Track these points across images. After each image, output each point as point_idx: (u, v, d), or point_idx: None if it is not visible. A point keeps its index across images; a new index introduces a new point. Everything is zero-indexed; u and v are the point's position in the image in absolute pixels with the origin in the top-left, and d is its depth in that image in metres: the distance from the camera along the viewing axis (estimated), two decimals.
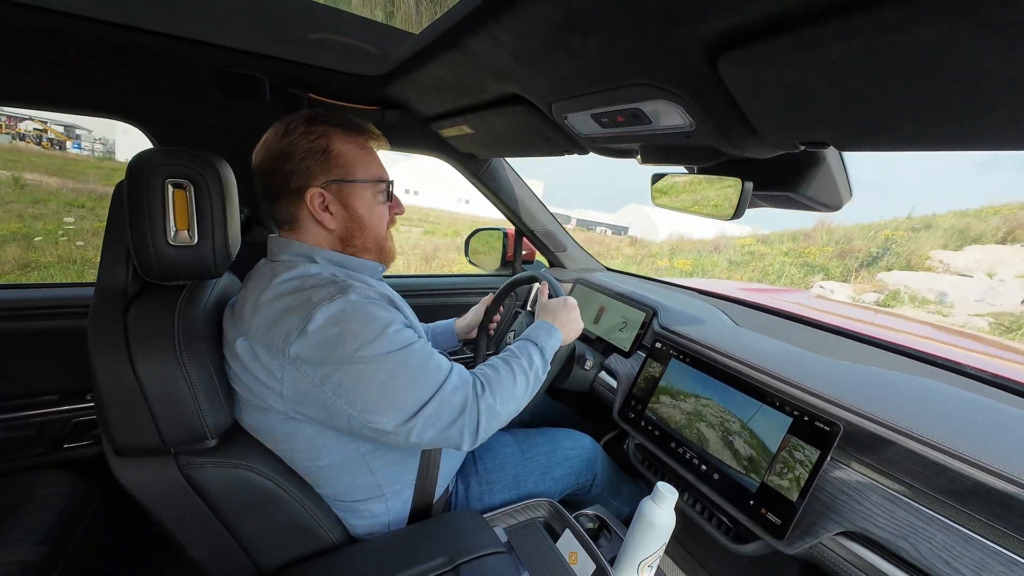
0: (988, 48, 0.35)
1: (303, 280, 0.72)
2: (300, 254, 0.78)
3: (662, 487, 0.83)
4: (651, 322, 1.28)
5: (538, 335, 0.92)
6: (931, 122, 0.46)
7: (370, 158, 0.82)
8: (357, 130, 0.81)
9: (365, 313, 0.69)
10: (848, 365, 0.95)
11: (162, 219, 0.67)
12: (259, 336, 0.69)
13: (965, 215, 12.28)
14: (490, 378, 0.79)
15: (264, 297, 0.71)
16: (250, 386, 0.72)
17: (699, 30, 0.49)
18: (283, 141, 0.76)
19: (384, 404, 0.68)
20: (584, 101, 0.78)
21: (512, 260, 1.80)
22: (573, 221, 37.05)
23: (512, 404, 0.80)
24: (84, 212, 8.40)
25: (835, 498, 0.75)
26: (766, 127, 0.62)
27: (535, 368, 0.85)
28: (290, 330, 0.67)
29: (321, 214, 0.78)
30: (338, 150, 0.78)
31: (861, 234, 12.24)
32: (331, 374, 0.67)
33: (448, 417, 0.71)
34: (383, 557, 0.77)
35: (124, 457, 0.69)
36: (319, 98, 1.18)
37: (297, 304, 0.69)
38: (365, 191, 0.81)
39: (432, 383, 0.71)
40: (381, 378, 0.68)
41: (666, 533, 0.83)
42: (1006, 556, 0.59)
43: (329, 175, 0.77)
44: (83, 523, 0.96)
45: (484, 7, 0.63)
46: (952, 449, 0.67)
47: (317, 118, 0.78)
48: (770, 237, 13.96)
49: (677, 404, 1.06)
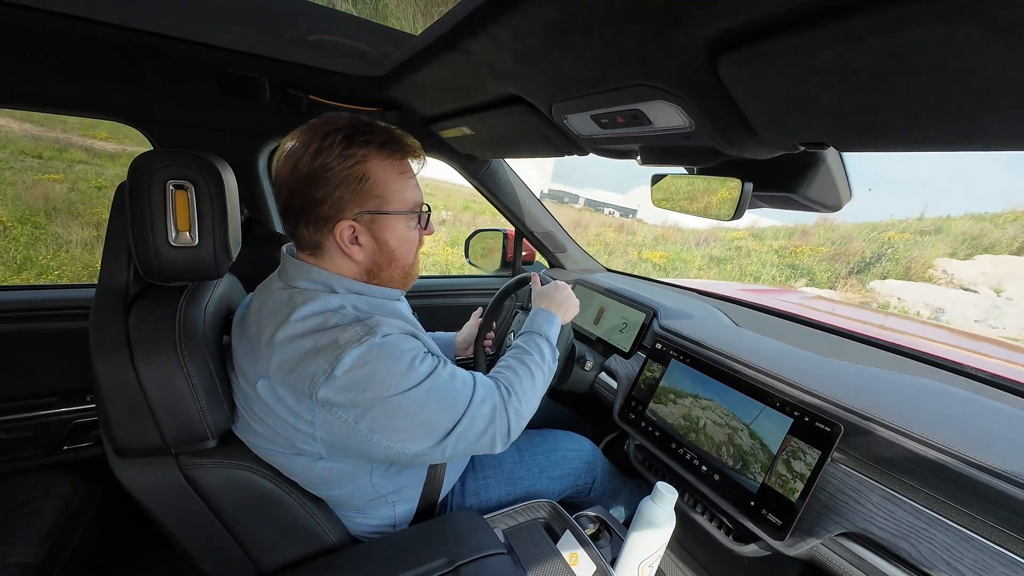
0: (988, 48, 0.35)
1: (325, 317, 0.68)
2: (320, 283, 0.73)
3: (661, 487, 0.83)
4: (651, 323, 1.28)
5: (540, 325, 0.94)
6: (930, 123, 0.46)
7: (407, 183, 0.74)
8: (398, 150, 0.72)
9: (392, 350, 0.67)
10: (849, 366, 0.95)
11: (163, 220, 0.67)
12: (281, 378, 0.66)
13: (982, 219, 11.25)
14: (512, 382, 0.81)
15: (282, 334, 0.67)
16: (276, 428, 0.69)
17: (699, 31, 0.49)
18: (315, 162, 0.67)
19: (420, 432, 0.69)
20: (584, 102, 0.78)
21: (512, 261, 1.80)
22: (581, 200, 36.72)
23: (534, 400, 0.83)
24: (39, 163, 7.52)
25: (836, 499, 0.75)
26: (766, 128, 0.62)
27: (547, 360, 0.88)
28: (316, 374, 0.64)
29: (350, 247, 0.72)
30: (376, 177, 0.70)
31: (864, 234, 11.50)
32: (364, 414, 0.66)
33: (479, 428, 0.73)
34: (383, 558, 0.77)
35: (125, 457, 0.70)
36: (319, 99, 1.18)
37: (323, 345, 0.65)
38: (399, 222, 0.75)
39: (462, 402, 0.72)
40: (414, 410, 0.68)
41: (666, 533, 0.83)
42: (1007, 557, 0.59)
43: (363, 206, 0.70)
44: (82, 524, 0.96)
45: (484, 8, 0.63)
46: (952, 449, 0.67)
47: (357, 136, 0.68)
48: (765, 232, 13.30)
49: (677, 405, 1.06)
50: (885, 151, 0.56)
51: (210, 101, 1.12)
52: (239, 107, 1.15)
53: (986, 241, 10.15)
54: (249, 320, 0.74)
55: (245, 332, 0.74)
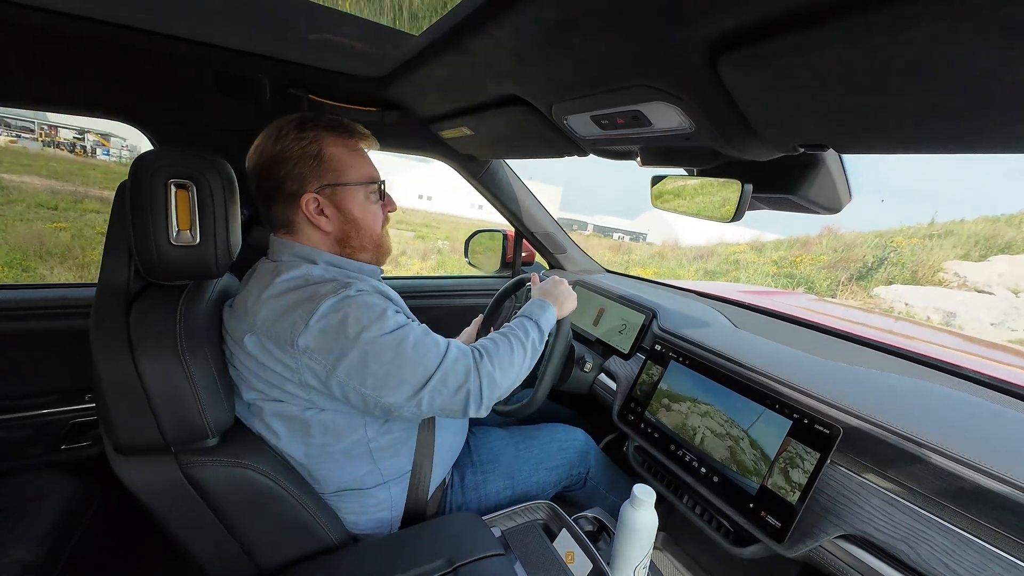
0: (989, 49, 0.35)
1: (306, 278, 0.75)
2: (301, 256, 0.80)
3: (638, 490, 0.83)
4: (651, 324, 1.28)
5: (531, 310, 0.96)
6: (931, 124, 0.46)
7: (361, 159, 0.84)
8: (347, 132, 0.83)
9: (363, 301, 0.73)
10: (848, 368, 0.95)
11: (164, 219, 0.68)
12: (265, 330, 0.72)
13: (996, 221, 10.75)
14: (488, 348, 0.82)
15: (268, 292, 0.73)
16: (267, 379, 0.74)
17: (699, 31, 0.49)
18: (276, 147, 0.77)
19: (393, 379, 0.72)
20: (584, 103, 0.78)
21: (512, 262, 1.80)
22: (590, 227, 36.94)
23: (511, 372, 0.83)
24: (52, 213, 8.16)
25: (835, 501, 0.75)
26: (766, 129, 0.62)
27: (532, 339, 0.89)
28: (296, 322, 0.70)
29: (317, 218, 0.80)
30: (329, 153, 0.79)
31: (868, 241, 11.22)
32: (340, 358, 0.70)
33: (454, 383, 0.75)
34: (382, 558, 0.77)
35: (125, 455, 0.70)
36: (319, 99, 1.18)
37: (303, 298, 0.72)
38: (358, 193, 0.83)
39: (434, 355, 0.75)
40: (387, 355, 0.71)
41: (650, 535, 0.83)
42: (1006, 559, 0.59)
43: (322, 179, 0.79)
44: (82, 523, 0.96)
45: (484, 8, 0.63)
46: (952, 452, 0.67)
47: (307, 122, 0.79)
48: (766, 245, 13.16)
49: (676, 407, 1.06)
50: (885, 153, 0.56)
51: (210, 101, 1.12)
52: (239, 107, 1.15)
53: (1001, 241, 9.79)
54: (237, 297, 0.80)
55: (233, 306, 0.79)
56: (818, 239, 12.04)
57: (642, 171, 0.97)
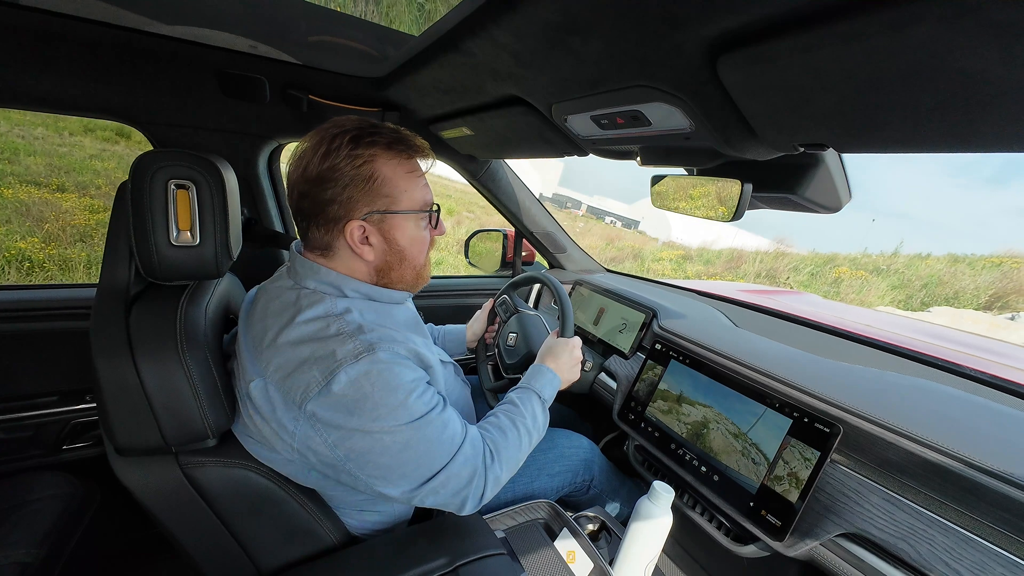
0: (987, 50, 0.35)
1: (328, 322, 0.68)
2: (329, 283, 0.73)
3: (658, 486, 0.82)
4: (651, 323, 1.28)
5: (542, 386, 0.91)
6: (930, 124, 0.46)
7: (416, 182, 0.75)
8: (406, 149, 0.73)
9: (390, 378, 0.66)
10: (847, 366, 0.95)
11: (164, 219, 0.67)
12: (276, 381, 0.66)
13: (959, 261, 9.61)
14: (499, 446, 0.78)
15: (285, 336, 0.67)
16: (261, 428, 0.70)
17: (698, 32, 0.49)
18: (324, 163, 0.68)
19: (394, 474, 0.67)
20: (584, 103, 0.78)
21: (512, 261, 1.80)
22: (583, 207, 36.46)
23: (515, 468, 0.80)
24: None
25: (835, 500, 0.75)
26: (765, 129, 0.62)
27: (538, 427, 0.86)
28: (310, 385, 0.64)
29: (360, 247, 0.72)
30: (384, 176, 0.71)
31: (808, 265, 9.83)
32: (345, 439, 0.65)
33: (454, 487, 0.71)
34: (383, 558, 0.77)
35: (125, 456, 0.70)
36: (319, 99, 1.18)
37: (320, 356, 0.65)
38: (408, 221, 0.75)
39: (444, 456, 0.70)
40: (395, 449, 0.66)
41: (664, 533, 0.83)
42: (1006, 558, 0.59)
43: (372, 206, 0.71)
44: (82, 524, 0.96)
45: (484, 9, 0.63)
46: (951, 450, 0.67)
47: (363, 137, 0.70)
48: (705, 253, 11.92)
49: (677, 406, 1.06)
50: (884, 152, 0.56)
51: (210, 101, 1.12)
52: (239, 107, 1.15)
53: (950, 290, 8.45)
54: (255, 317, 0.74)
55: (250, 330, 0.73)
56: (753, 256, 10.71)
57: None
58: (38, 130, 7.82)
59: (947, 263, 9.69)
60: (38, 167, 6.19)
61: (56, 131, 8.06)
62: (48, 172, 6.11)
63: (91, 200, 5.51)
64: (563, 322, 1.05)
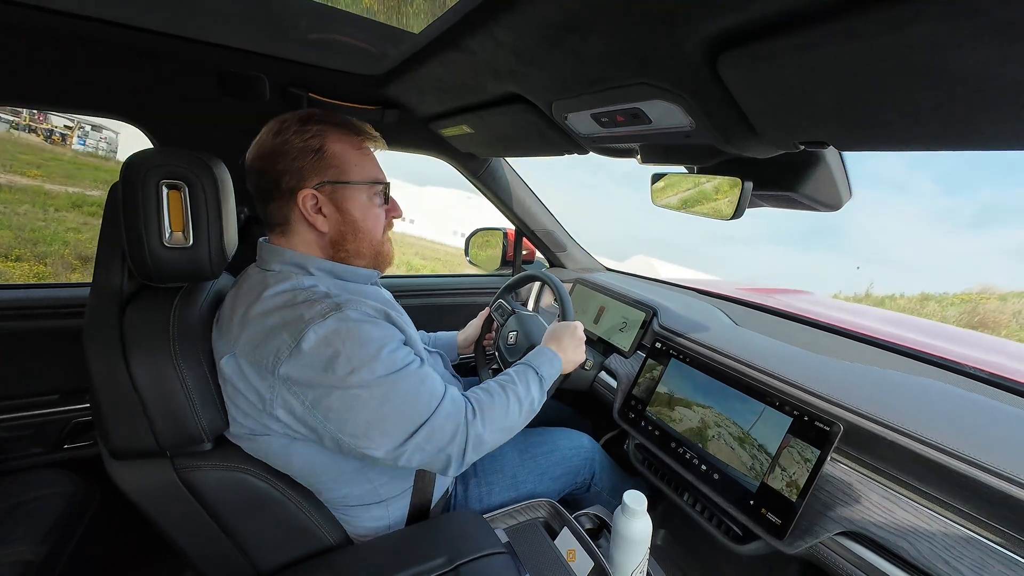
0: (988, 48, 0.35)
1: (295, 293, 0.69)
2: (292, 263, 0.75)
3: (628, 498, 0.82)
4: (651, 322, 1.28)
5: (540, 362, 0.91)
6: (930, 122, 0.46)
7: (366, 159, 0.80)
8: (353, 130, 0.79)
9: (359, 333, 0.67)
10: (848, 365, 0.95)
11: (157, 220, 0.66)
12: (246, 353, 0.67)
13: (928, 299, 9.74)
14: (483, 405, 0.77)
15: (253, 311, 0.68)
16: (242, 407, 0.70)
17: (699, 30, 0.49)
18: (276, 140, 0.73)
19: (374, 430, 0.67)
20: (584, 101, 0.78)
21: (512, 260, 1.80)
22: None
23: (501, 433, 0.79)
24: None
25: (835, 498, 0.75)
26: (766, 127, 0.62)
27: (531, 399, 0.84)
28: (280, 348, 0.65)
29: (314, 216, 0.75)
30: (333, 150, 0.75)
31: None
32: (322, 397, 0.65)
33: (438, 443, 0.70)
34: (383, 558, 0.77)
35: (120, 460, 0.69)
36: (319, 98, 1.18)
37: (288, 320, 0.66)
38: (360, 193, 0.78)
39: (424, 409, 0.70)
40: (372, 404, 0.66)
41: (645, 541, 0.83)
42: (1006, 555, 0.59)
43: (323, 176, 0.75)
44: (83, 523, 0.96)
45: (484, 6, 0.63)
46: (951, 449, 0.67)
47: (312, 117, 0.76)
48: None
49: (677, 404, 1.06)
50: (885, 150, 0.56)
51: (210, 99, 1.12)
52: (239, 106, 1.15)
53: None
54: (225, 307, 0.76)
55: (221, 316, 0.75)
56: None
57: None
58: (23, 207, 7.88)
59: (918, 301, 9.91)
60: (5, 239, 6.39)
61: (41, 207, 8.06)
62: (13, 244, 6.30)
63: (43, 268, 5.77)
64: (562, 308, 1.06)
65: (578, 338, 1.01)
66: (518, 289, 1.23)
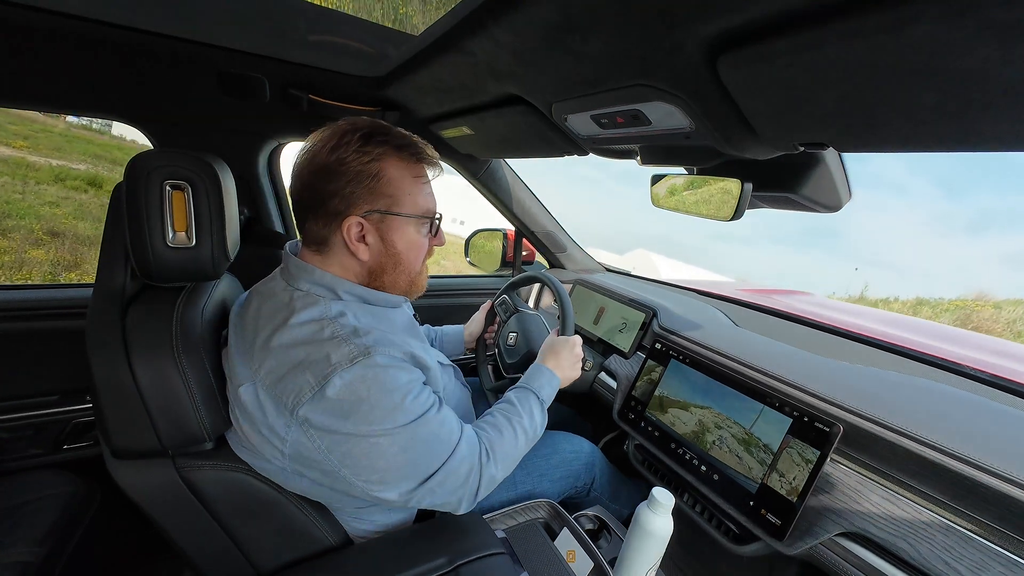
0: (988, 48, 0.35)
1: (322, 325, 0.66)
2: (323, 285, 0.72)
3: (658, 493, 0.81)
4: (651, 323, 1.28)
5: (540, 385, 0.91)
6: (930, 123, 0.46)
7: (421, 188, 0.75)
8: (415, 155, 0.73)
9: (386, 380, 0.65)
10: (848, 366, 0.95)
11: (160, 221, 0.67)
12: (268, 385, 0.65)
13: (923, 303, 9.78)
14: (495, 444, 0.77)
15: (277, 339, 0.66)
16: (249, 436, 0.69)
17: (698, 31, 0.49)
18: (331, 156, 0.68)
19: (391, 477, 0.66)
20: (584, 102, 0.78)
21: (512, 261, 1.80)
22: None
23: (511, 467, 0.80)
24: None
25: (835, 499, 0.75)
26: (765, 128, 0.62)
27: (535, 427, 0.85)
28: (302, 389, 0.63)
29: (356, 245, 0.71)
30: (389, 176, 0.70)
31: None
32: (340, 444, 0.63)
33: (452, 486, 0.70)
34: (382, 559, 0.77)
35: (121, 459, 0.69)
36: (319, 99, 1.18)
37: (314, 360, 0.63)
38: (409, 225, 0.74)
39: (441, 455, 0.69)
40: (392, 452, 0.65)
41: (665, 540, 0.82)
42: (1006, 557, 0.59)
43: (374, 204, 0.70)
44: (83, 523, 0.96)
45: (484, 8, 0.63)
46: (951, 450, 0.67)
47: (375, 135, 0.70)
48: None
49: (677, 405, 1.06)
50: (884, 151, 0.56)
51: (210, 101, 1.12)
52: (239, 107, 1.15)
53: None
54: (247, 319, 0.73)
55: (242, 332, 0.72)
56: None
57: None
58: (2, 179, 7.66)
59: (912, 306, 9.89)
60: None
61: (21, 179, 7.80)
62: None
63: (3, 242, 5.58)
64: (563, 320, 1.05)
65: (576, 355, 1.01)
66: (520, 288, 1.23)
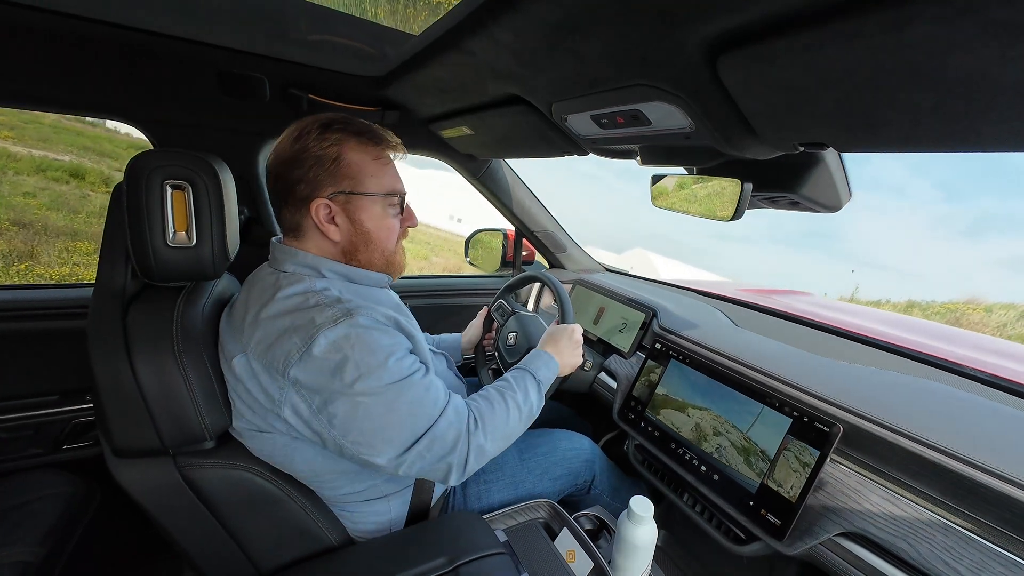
0: (987, 49, 0.35)
1: (307, 296, 0.70)
2: (306, 265, 0.75)
3: (635, 504, 0.81)
4: (651, 323, 1.28)
5: (537, 366, 0.91)
6: (929, 124, 0.46)
7: (384, 169, 0.78)
8: (374, 139, 0.77)
9: (369, 340, 0.67)
10: (847, 366, 0.95)
11: (160, 220, 0.67)
12: (258, 354, 0.68)
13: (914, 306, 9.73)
14: (484, 414, 0.78)
15: (266, 312, 0.69)
16: (249, 404, 0.71)
17: (698, 31, 0.49)
18: (294, 146, 0.73)
19: (378, 438, 0.67)
20: (584, 102, 0.78)
21: (512, 261, 1.80)
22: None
23: (502, 441, 0.80)
24: None
25: (835, 499, 0.75)
26: (765, 128, 0.62)
27: (530, 404, 0.85)
28: (291, 351, 0.65)
29: (326, 226, 0.75)
30: (349, 159, 0.74)
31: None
32: (327, 402, 0.66)
33: (439, 452, 0.71)
34: (383, 558, 0.77)
35: (122, 458, 0.70)
36: (319, 98, 1.18)
37: (300, 324, 0.66)
38: (375, 204, 0.78)
39: (427, 418, 0.70)
40: (377, 411, 0.67)
41: (650, 545, 0.82)
42: (1006, 557, 0.59)
43: (337, 186, 0.74)
44: (83, 523, 0.96)
45: (484, 8, 0.63)
46: (951, 450, 0.67)
47: (333, 124, 0.74)
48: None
49: (677, 405, 1.06)
50: (884, 152, 0.56)
51: (210, 101, 1.12)
52: (239, 107, 1.15)
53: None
54: (236, 304, 0.76)
55: (232, 316, 0.75)
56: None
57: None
58: None
59: (903, 308, 9.88)
60: None
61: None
62: None
63: None
64: (561, 309, 1.06)
65: (575, 341, 1.02)
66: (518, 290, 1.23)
